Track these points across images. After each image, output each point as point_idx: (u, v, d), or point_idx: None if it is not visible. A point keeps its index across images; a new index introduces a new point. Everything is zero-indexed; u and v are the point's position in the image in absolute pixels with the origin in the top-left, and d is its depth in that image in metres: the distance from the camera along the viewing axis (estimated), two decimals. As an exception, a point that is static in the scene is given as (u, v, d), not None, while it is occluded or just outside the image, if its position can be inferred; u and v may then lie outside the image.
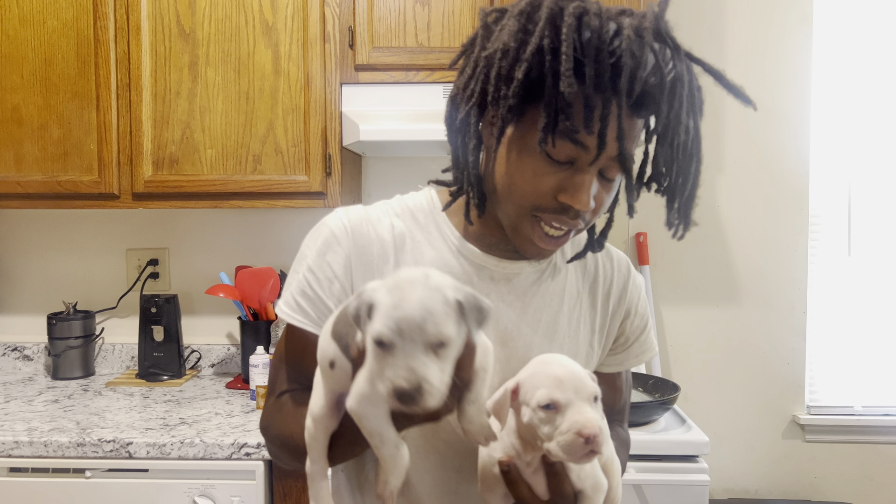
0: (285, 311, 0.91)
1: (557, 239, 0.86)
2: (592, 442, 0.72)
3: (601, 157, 0.79)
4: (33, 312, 2.34)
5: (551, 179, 0.81)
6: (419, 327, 0.64)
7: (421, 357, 0.64)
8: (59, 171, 1.94)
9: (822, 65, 2.25)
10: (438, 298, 0.66)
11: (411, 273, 0.69)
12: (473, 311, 0.68)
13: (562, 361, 0.79)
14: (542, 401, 0.75)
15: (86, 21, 1.91)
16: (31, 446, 1.60)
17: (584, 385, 0.76)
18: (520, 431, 0.80)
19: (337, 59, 1.89)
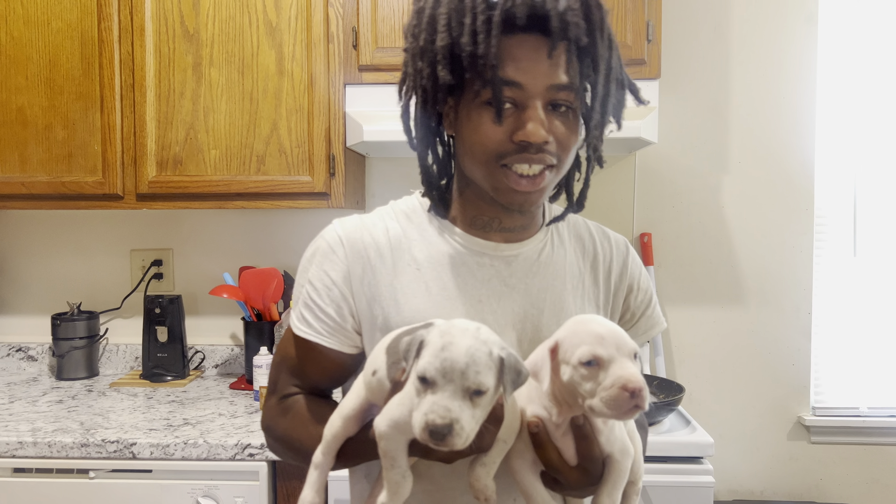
0: (295, 324, 0.97)
1: (533, 178, 0.88)
2: (637, 396, 0.71)
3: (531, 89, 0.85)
4: (37, 313, 2.34)
5: (503, 126, 0.86)
6: (462, 372, 0.70)
7: (458, 400, 0.70)
8: (64, 171, 1.94)
9: (828, 64, 2.24)
10: (484, 351, 0.71)
11: (465, 323, 0.74)
12: (512, 372, 0.73)
13: (600, 320, 0.79)
14: (585, 357, 0.74)
15: (90, 22, 1.91)
16: (35, 447, 1.61)
17: (625, 341, 0.76)
18: (555, 392, 0.79)
19: (340, 59, 1.89)
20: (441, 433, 0.68)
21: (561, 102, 0.87)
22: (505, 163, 0.88)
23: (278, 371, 1.00)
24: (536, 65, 0.85)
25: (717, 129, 2.24)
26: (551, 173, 0.90)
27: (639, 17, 1.84)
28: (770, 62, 2.23)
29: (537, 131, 0.85)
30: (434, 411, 0.69)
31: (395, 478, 0.77)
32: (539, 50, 0.85)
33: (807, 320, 2.26)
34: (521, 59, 0.85)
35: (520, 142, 0.86)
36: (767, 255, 2.26)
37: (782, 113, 2.23)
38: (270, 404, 0.99)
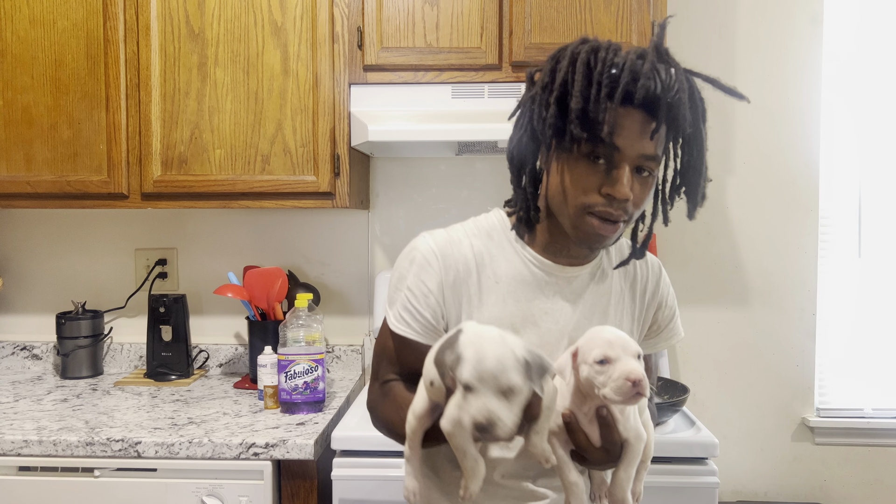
0: (394, 322, 1.13)
1: (612, 225, 1.04)
2: (638, 385, 0.91)
3: (627, 154, 1.00)
4: (42, 312, 2.35)
5: (594, 179, 1.02)
6: (494, 377, 0.86)
7: (494, 400, 0.86)
8: (69, 171, 1.94)
9: (832, 65, 2.24)
10: (510, 356, 0.88)
11: (491, 333, 0.91)
12: (537, 368, 0.89)
13: (610, 329, 1.00)
14: (597, 357, 0.94)
15: (95, 21, 1.92)
16: (40, 445, 1.61)
17: (629, 344, 0.96)
18: (578, 387, 0.98)
19: (346, 59, 1.89)
20: (486, 429, 0.85)
21: (645, 168, 1.03)
22: (591, 211, 1.04)
23: (379, 360, 1.18)
24: (637, 136, 1.00)
25: (722, 130, 2.24)
26: (624, 226, 1.07)
27: (644, 17, 1.84)
28: (775, 63, 2.22)
29: (624, 190, 1.01)
30: (478, 412, 0.85)
31: (469, 464, 0.92)
32: (644, 125, 1.00)
33: (811, 321, 2.26)
34: (625, 128, 0.99)
35: (607, 195, 1.02)
36: (772, 255, 2.25)
37: (787, 114, 2.23)
38: (374, 388, 1.18)
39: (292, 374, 1.79)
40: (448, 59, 1.88)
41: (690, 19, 2.21)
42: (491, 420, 0.85)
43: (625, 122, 1.00)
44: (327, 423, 1.74)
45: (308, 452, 1.59)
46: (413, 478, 1.03)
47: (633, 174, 1.03)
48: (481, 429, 0.85)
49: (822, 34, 2.21)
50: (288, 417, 1.78)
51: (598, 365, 0.94)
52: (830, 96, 2.24)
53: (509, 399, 0.86)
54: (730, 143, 2.24)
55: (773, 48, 2.22)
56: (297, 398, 1.80)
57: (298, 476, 1.64)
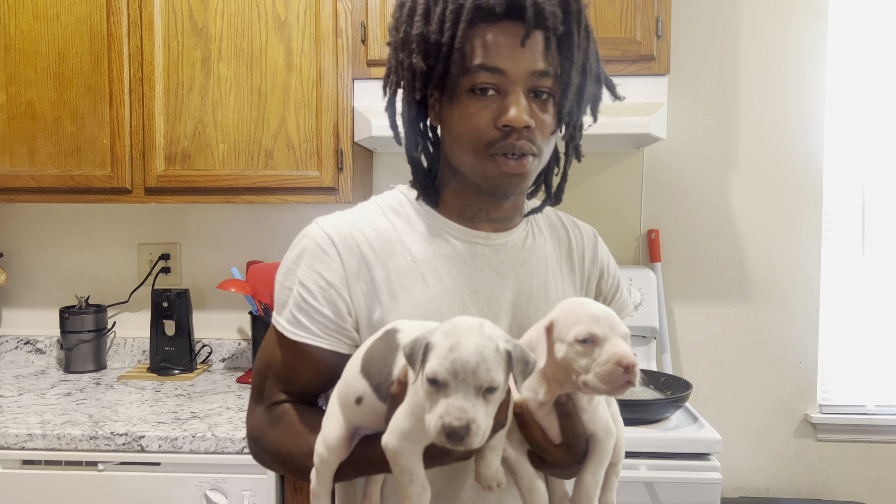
0: (286, 327, 0.94)
1: (519, 160, 0.90)
2: (630, 372, 0.75)
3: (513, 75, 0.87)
4: (46, 306, 2.35)
5: (486, 113, 0.89)
6: (473, 371, 0.69)
7: (472, 399, 0.69)
8: (73, 165, 1.94)
9: (837, 61, 2.23)
10: (491, 347, 0.70)
11: (468, 321, 0.73)
12: (520, 363, 0.73)
13: (594, 302, 0.83)
14: (581, 335, 0.78)
15: (99, 16, 1.92)
16: (44, 439, 1.61)
17: (619, 322, 0.80)
18: (545, 371, 0.81)
19: (349, 54, 1.89)
20: (459, 435, 0.68)
21: (542, 90, 0.89)
22: (492, 151, 0.90)
23: (263, 378, 0.97)
24: (516, 51, 0.87)
25: (726, 126, 2.23)
26: (534, 160, 0.92)
27: (648, 13, 1.84)
28: (779, 59, 2.22)
29: (520, 116, 0.87)
30: (450, 413, 0.68)
31: (416, 491, 0.76)
32: (517, 37, 0.87)
33: (814, 318, 2.25)
34: (501, 45, 0.87)
35: (503, 126, 0.88)
36: (775, 252, 2.25)
37: (791, 110, 2.23)
38: (257, 414, 0.96)
39: (295, 369, 1.79)
40: (452, 55, 1.87)
41: (695, 14, 2.21)
42: (466, 423, 0.67)
43: (498, 40, 0.87)
44: (330, 417, 1.74)
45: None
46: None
47: (528, 98, 0.89)
48: (453, 435, 0.67)
49: (827, 30, 2.21)
50: (291, 412, 1.78)
51: (581, 344, 0.77)
52: (835, 92, 2.23)
53: (486, 400, 0.70)
54: (733, 139, 2.24)
55: (777, 44, 2.22)
56: (300, 393, 1.80)
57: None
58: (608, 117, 1.06)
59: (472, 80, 0.88)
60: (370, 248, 0.95)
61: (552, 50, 0.89)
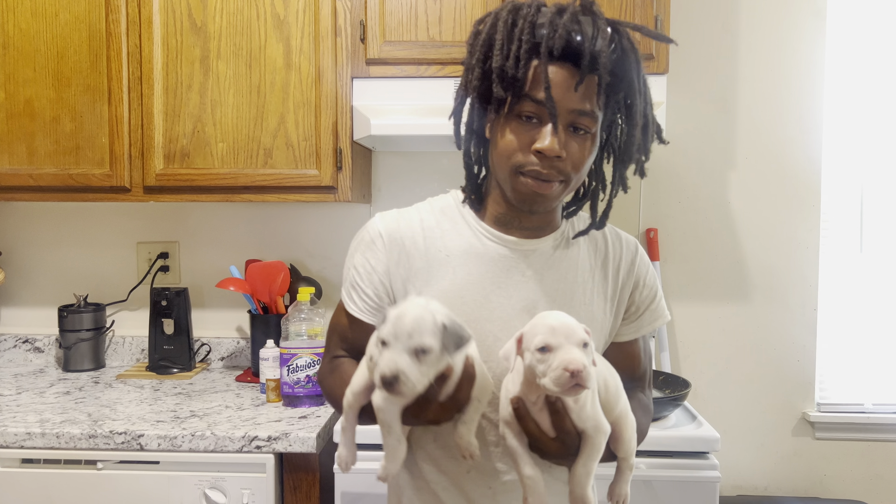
0: (344, 299, 1.15)
1: (545, 183, 1.02)
2: (577, 376, 0.85)
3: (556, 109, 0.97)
4: (44, 305, 2.35)
5: (526, 137, 1.00)
6: (408, 334, 0.86)
7: (405, 356, 0.85)
8: (71, 164, 1.94)
9: (836, 60, 2.23)
10: (429, 318, 0.87)
11: (417, 299, 0.92)
12: (454, 336, 0.88)
13: (557, 315, 0.93)
14: (538, 344, 0.89)
15: (97, 14, 1.91)
16: (43, 438, 1.61)
17: (574, 332, 0.89)
18: (526, 374, 0.93)
19: (348, 53, 1.89)
20: (390, 382, 0.84)
21: (580, 126, 1.00)
22: (522, 171, 1.01)
23: (331, 336, 1.18)
24: (564, 90, 0.98)
25: (725, 125, 2.24)
26: (560, 186, 1.03)
27: (647, 12, 1.84)
28: (778, 58, 2.22)
29: (552, 145, 0.98)
30: (386, 364, 0.85)
31: (391, 443, 0.93)
32: (571, 79, 0.98)
33: (812, 316, 2.26)
34: (552, 83, 0.97)
35: (535, 151, 0.99)
36: (774, 251, 2.25)
37: (790, 109, 2.23)
38: (325, 362, 1.19)
39: (294, 368, 1.79)
40: (451, 54, 1.88)
41: (694, 14, 2.21)
42: (395, 373, 0.84)
43: (552, 78, 0.97)
44: (329, 416, 1.74)
45: (310, 445, 1.60)
46: (346, 448, 1.03)
47: (567, 132, 1.00)
48: (385, 382, 0.84)
49: (826, 29, 2.21)
50: (290, 411, 1.79)
51: (539, 353, 0.89)
52: (833, 91, 2.24)
53: (420, 360, 0.85)
54: (732, 137, 2.24)
55: (776, 42, 2.22)
56: (300, 391, 1.80)
57: (301, 469, 1.65)
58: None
59: (522, 107, 1.00)
60: (413, 242, 1.10)
61: (601, 94, 0.99)
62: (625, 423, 1.02)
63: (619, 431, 1.02)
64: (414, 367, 0.85)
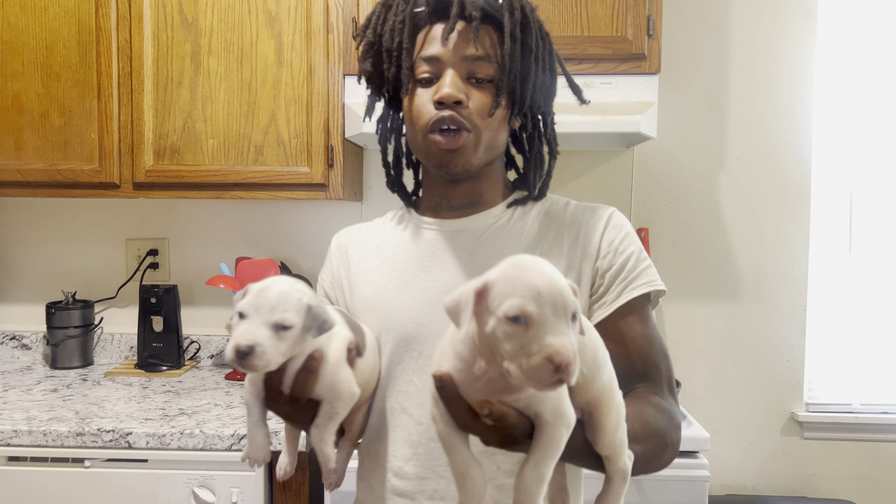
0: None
1: (452, 135, 0.98)
2: (563, 370, 0.62)
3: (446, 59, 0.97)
4: (32, 301, 2.33)
5: (426, 96, 0.99)
6: (270, 308, 0.80)
7: (264, 329, 0.79)
8: (60, 159, 1.93)
9: (826, 61, 2.24)
10: (295, 296, 0.82)
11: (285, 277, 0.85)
12: (317, 319, 0.82)
13: (540, 267, 0.67)
14: (511, 311, 0.63)
15: (87, 9, 1.90)
16: (30, 435, 1.60)
17: (564, 299, 0.64)
18: (479, 341, 0.68)
19: (340, 50, 1.88)
20: (244, 353, 0.78)
21: (480, 77, 0.98)
22: (430, 128, 0.98)
23: None
24: (448, 41, 0.97)
25: (716, 125, 2.24)
26: (470, 137, 0.98)
27: (640, 12, 1.84)
28: (769, 59, 2.23)
29: (447, 90, 0.95)
30: (241, 335, 0.78)
31: (249, 426, 0.90)
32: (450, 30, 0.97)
33: (801, 317, 2.27)
34: (434, 38, 0.98)
35: (436, 102, 0.96)
36: (763, 251, 2.26)
37: (780, 109, 2.24)
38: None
39: (284, 366, 1.78)
40: (443, 51, 1.87)
41: (685, 14, 2.21)
42: (251, 343, 0.77)
43: (433, 34, 0.98)
44: (319, 414, 1.73)
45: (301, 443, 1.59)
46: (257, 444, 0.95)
47: (468, 83, 0.98)
48: (240, 354, 0.77)
49: (816, 30, 2.22)
50: (280, 409, 1.78)
51: (510, 324, 0.63)
52: (823, 92, 2.25)
53: (280, 336, 0.79)
54: (723, 138, 2.25)
55: (767, 43, 2.23)
56: (289, 390, 1.79)
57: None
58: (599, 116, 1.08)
59: (418, 71, 0.99)
60: (355, 244, 1.13)
61: (486, 38, 0.98)
62: (607, 405, 0.78)
63: (597, 416, 0.78)
64: (272, 342, 0.79)
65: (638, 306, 1.00)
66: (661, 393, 0.98)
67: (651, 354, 0.99)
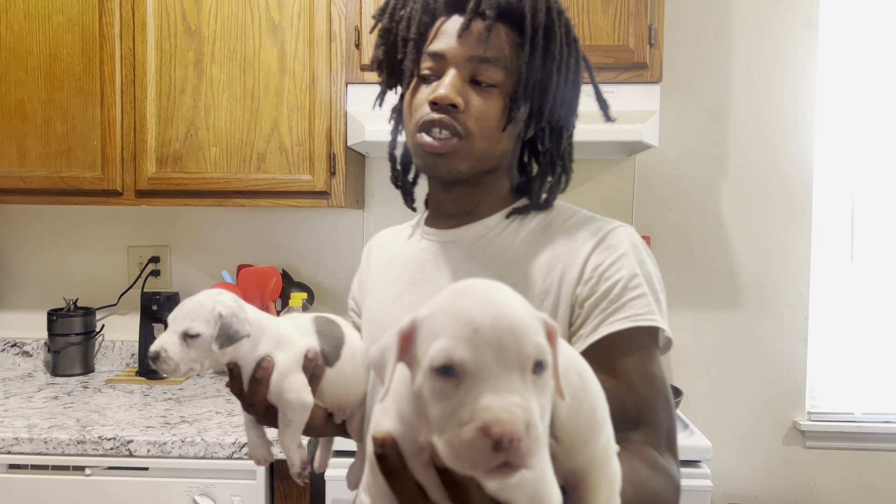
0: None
1: (442, 141, 0.90)
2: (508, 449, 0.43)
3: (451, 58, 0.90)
4: (34, 308, 2.33)
5: (423, 94, 0.92)
6: (181, 317, 0.88)
7: (172, 336, 0.87)
8: (63, 166, 1.93)
9: (827, 71, 2.25)
10: (208, 306, 0.88)
11: (213, 289, 0.92)
12: (226, 328, 0.87)
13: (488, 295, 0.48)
14: (437, 360, 0.45)
15: (91, 17, 1.90)
16: (30, 443, 1.60)
17: (518, 340, 0.46)
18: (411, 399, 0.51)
19: (343, 58, 1.89)
20: (152, 358, 0.87)
21: (485, 80, 0.90)
22: (420, 128, 0.91)
23: None
24: (458, 38, 0.90)
25: (717, 134, 2.25)
26: (461, 142, 0.90)
27: (641, 21, 1.85)
28: (770, 68, 2.23)
29: (446, 93, 0.88)
30: (155, 342, 0.88)
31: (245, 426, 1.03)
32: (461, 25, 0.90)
33: (803, 325, 2.27)
34: (445, 32, 0.91)
35: (430, 102, 0.89)
36: (765, 259, 2.26)
37: (782, 118, 2.24)
38: None
39: (286, 374, 1.78)
40: (445, 60, 1.87)
41: (687, 23, 2.22)
42: (158, 350, 0.86)
43: (446, 28, 0.91)
44: (321, 422, 1.73)
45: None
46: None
47: (469, 85, 0.90)
48: (150, 357, 0.87)
49: (818, 40, 2.22)
50: (281, 417, 1.77)
51: (437, 377, 0.46)
52: (825, 101, 2.25)
53: (188, 344, 0.87)
54: (725, 147, 2.25)
55: (768, 53, 2.23)
56: (291, 398, 1.79)
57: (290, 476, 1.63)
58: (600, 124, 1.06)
59: (421, 66, 0.92)
60: (378, 251, 1.11)
61: (500, 41, 0.90)
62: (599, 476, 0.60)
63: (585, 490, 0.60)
64: (178, 349, 0.87)
65: (636, 342, 0.85)
66: (659, 447, 0.82)
67: (650, 397, 0.84)
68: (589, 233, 0.92)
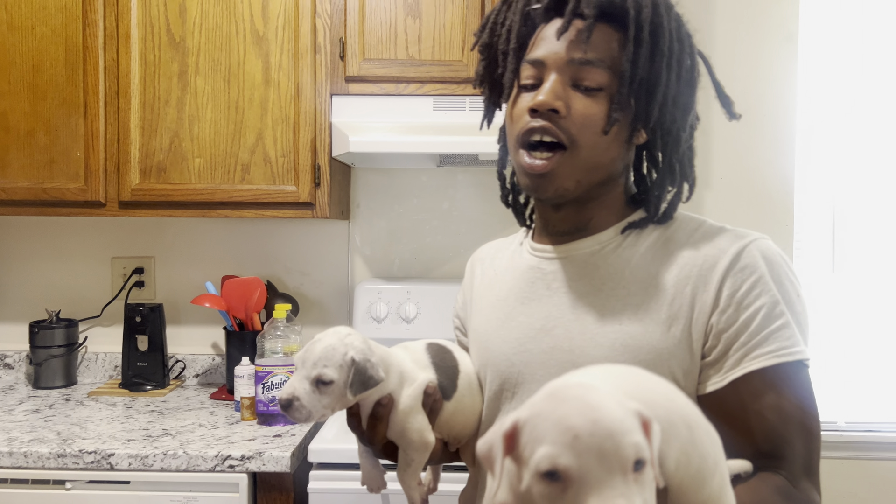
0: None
1: (546, 160, 0.85)
2: None
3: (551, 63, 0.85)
4: (15, 320, 2.31)
5: (523, 103, 0.87)
6: (313, 363, 0.84)
7: (305, 383, 0.84)
8: (46, 178, 1.92)
9: (808, 83, 2.28)
10: (340, 350, 0.85)
11: (341, 329, 0.89)
12: (360, 374, 0.84)
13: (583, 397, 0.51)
14: (543, 465, 0.48)
15: (74, 28, 1.90)
16: (10, 457, 1.58)
17: (616, 444, 0.48)
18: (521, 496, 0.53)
19: (327, 70, 1.89)
20: (284, 406, 0.84)
21: (588, 83, 0.84)
22: (521, 143, 0.86)
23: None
24: (557, 42, 0.85)
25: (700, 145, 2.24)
26: (564, 155, 0.84)
27: (624, 33, 1.86)
28: (751, 80, 2.26)
29: (542, 98, 0.83)
30: (285, 388, 0.85)
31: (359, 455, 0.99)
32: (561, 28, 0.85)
33: (786, 335, 2.28)
34: (545, 38, 0.87)
35: (530, 109, 0.85)
36: (748, 270, 2.28)
37: (763, 130, 2.26)
38: None
39: (269, 386, 1.78)
40: (430, 72, 1.89)
41: (669, 36, 2.24)
42: (290, 399, 0.84)
43: (545, 33, 0.87)
44: (304, 435, 1.72)
45: (284, 465, 1.58)
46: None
47: (571, 89, 0.84)
48: (282, 405, 0.85)
49: (798, 52, 2.25)
50: (264, 429, 1.77)
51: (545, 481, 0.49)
52: (806, 113, 2.28)
53: (320, 390, 0.84)
54: (707, 158, 2.27)
55: (749, 65, 2.26)
56: (274, 410, 1.78)
57: (274, 489, 1.62)
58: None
59: (522, 75, 0.88)
60: (482, 263, 1.07)
61: (603, 41, 0.84)
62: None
63: None
64: (311, 396, 0.84)
65: (777, 377, 0.82)
66: (793, 477, 0.79)
67: (784, 432, 0.80)
68: (719, 250, 0.85)
